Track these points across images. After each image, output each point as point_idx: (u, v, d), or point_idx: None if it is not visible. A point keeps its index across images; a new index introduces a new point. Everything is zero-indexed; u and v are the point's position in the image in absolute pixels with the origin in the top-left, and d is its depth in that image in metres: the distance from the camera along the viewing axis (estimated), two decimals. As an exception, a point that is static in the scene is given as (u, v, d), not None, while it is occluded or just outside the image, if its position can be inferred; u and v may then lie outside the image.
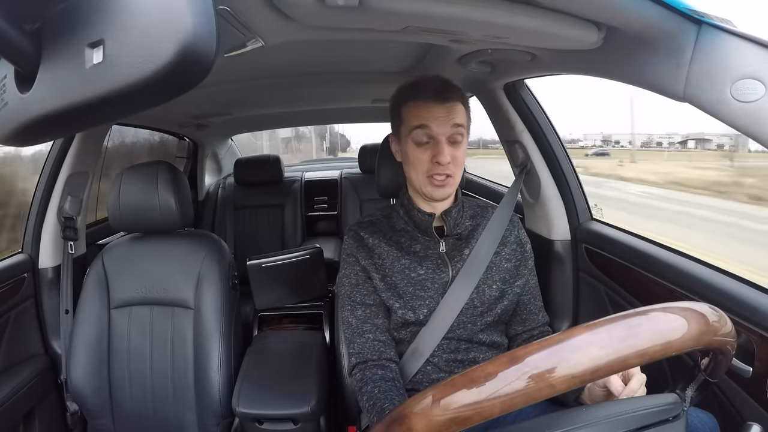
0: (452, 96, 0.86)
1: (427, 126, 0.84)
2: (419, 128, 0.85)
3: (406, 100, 0.88)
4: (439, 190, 0.86)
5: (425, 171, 0.86)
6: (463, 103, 0.88)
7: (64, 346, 1.21)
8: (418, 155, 0.86)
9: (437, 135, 0.84)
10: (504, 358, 0.39)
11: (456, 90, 0.87)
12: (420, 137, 0.85)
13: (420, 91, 0.86)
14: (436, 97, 0.85)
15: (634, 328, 0.39)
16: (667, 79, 0.62)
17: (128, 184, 1.15)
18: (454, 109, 0.85)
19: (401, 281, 0.90)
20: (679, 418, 0.47)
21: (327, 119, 3.21)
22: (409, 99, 0.88)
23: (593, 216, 1.29)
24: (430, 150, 0.85)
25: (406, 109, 0.88)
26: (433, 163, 0.85)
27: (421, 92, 0.86)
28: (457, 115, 0.85)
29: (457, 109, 0.86)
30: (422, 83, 0.87)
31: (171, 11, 0.26)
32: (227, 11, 0.58)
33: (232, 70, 1.23)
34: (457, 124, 0.85)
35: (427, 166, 0.85)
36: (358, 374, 0.88)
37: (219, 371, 1.10)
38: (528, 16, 0.64)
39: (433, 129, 0.84)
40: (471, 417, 0.37)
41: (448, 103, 0.85)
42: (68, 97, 0.30)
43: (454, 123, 0.85)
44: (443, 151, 0.84)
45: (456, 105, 0.86)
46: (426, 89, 0.86)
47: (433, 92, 0.85)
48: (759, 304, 0.74)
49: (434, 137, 0.84)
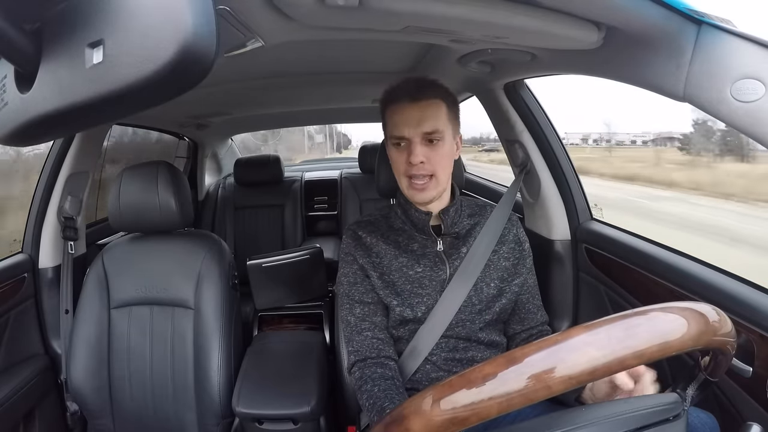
0: (426, 95, 0.85)
1: (400, 126, 0.85)
2: (394, 129, 0.86)
3: (386, 104, 0.89)
4: (418, 194, 0.86)
5: (403, 172, 0.87)
6: (443, 100, 0.87)
7: (64, 346, 1.21)
8: (396, 158, 0.87)
9: (408, 135, 0.85)
10: (502, 358, 0.39)
11: (433, 88, 0.86)
12: (395, 138, 0.86)
13: (396, 94, 0.87)
14: (408, 97, 0.85)
15: (632, 329, 0.39)
16: (667, 79, 0.62)
17: (128, 184, 1.15)
18: (428, 108, 0.85)
19: (399, 279, 0.90)
20: (680, 418, 0.47)
21: (327, 119, 3.21)
22: (388, 102, 0.89)
23: (593, 216, 1.29)
24: (406, 152, 0.85)
25: (386, 113, 0.89)
26: (407, 163, 0.85)
27: (397, 94, 0.87)
28: (431, 113, 0.84)
29: (433, 108, 0.85)
30: (399, 85, 0.88)
31: (171, 11, 0.26)
32: (227, 11, 0.58)
33: (232, 70, 1.23)
34: (430, 123, 0.84)
35: (404, 167, 0.86)
36: (357, 372, 0.89)
37: (219, 371, 1.10)
38: (528, 16, 0.64)
39: (404, 129, 0.85)
40: (469, 417, 0.37)
41: (421, 102, 0.85)
42: (68, 97, 0.30)
43: (428, 122, 0.84)
44: (414, 151, 0.84)
45: (431, 104, 0.85)
46: (400, 91, 0.86)
47: (405, 92, 0.86)
48: (759, 304, 0.74)
49: (407, 138, 0.85)
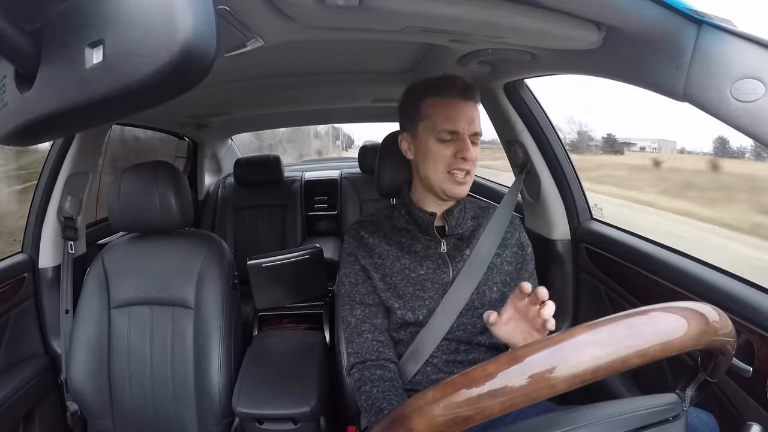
0: (474, 97, 0.88)
1: (454, 120, 0.85)
2: (446, 123, 0.85)
3: (428, 96, 0.88)
4: (459, 188, 0.87)
5: (446, 167, 0.86)
6: (478, 106, 0.90)
7: (64, 346, 1.21)
8: (440, 151, 0.86)
9: (463, 131, 0.85)
10: (504, 357, 0.39)
11: (477, 91, 0.89)
12: (445, 133, 0.85)
13: (447, 88, 0.87)
14: (463, 94, 0.86)
15: (634, 328, 0.39)
16: (667, 79, 0.62)
17: (128, 184, 1.15)
18: (475, 109, 0.88)
19: (401, 281, 0.90)
20: (679, 418, 0.47)
21: (327, 119, 3.21)
22: (432, 95, 0.88)
23: (593, 216, 1.29)
24: (454, 146, 0.85)
25: (428, 105, 0.88)
26: (457, 158, 0.85)
27: (449, 89, 0.86)
28: (477, 115, 0.88)
29: (477, 110, 0.88)
30: (448, 80, 0.88)
31: (171, 11, 0.26)
32: (227, 11, 0.58)
33: (232, 70, 1.23)
34: (477, 123, 0.87)
35: (449, 161, 0.86)
36: (356, 374, 0.88)
37: (219, 371, 1.10)
38: (528, 16, 0.64)
39: (460, 124, 0.85)
40: (471, 417, 0.37)
41: (470, 102, 0.87)
42: (68, 97, 0.30)
43: (476, 122, 0.87)
44: (469, 147, 0.84)
45: (476, 106, 0.88)
46: (453, 86, 0.86)
47: (459, 90, 0.86)
48: (759, 304, 0.74)
49: (459, 133, 0.85)
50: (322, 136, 11.65)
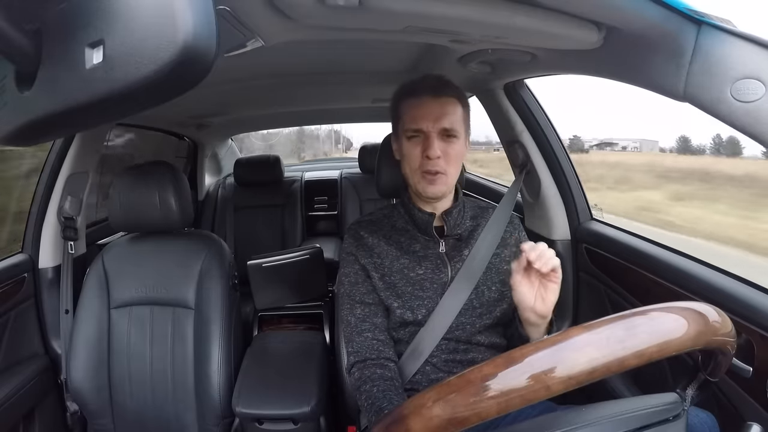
0: (446, 92, 0.87)
1: (418, 119, 0.85)
2: (412, 122, 0.86)
3: (402, 96, 0.90)
4: (430, 187, 0.87)
5: (417, 166, 0.87)
6: (459, 101, 0.89)
7: (64, 346, 1.21)
8: (410, 150, 0.87)
9: (427, 129, 0.85)
10: (501, 359, 0.39)
11: (452, 88, 0.88)
12: (412, 131, 0.86)
13: (417, 88, 0.88)
14: (430, 91, 0.86)
15: (633, 329, 0.39)
16: (667, 79, 0.62)
17: (128, 184, 1.15)
18: (447, 104, 0.86)
19: (400, 281, 0.90)
20: (680, 418, 0.47)
21: (327, 119, 3.20)
22: (405, 95, 0.89)
23: (593, 216, 1.29)
24: (421, 144, 0.86)
25: (402, 106, 0.90)
26: (423, 157, 0.85)
27: (418, 88, 0.88)
28: (450, 110, 0.86)
29: (452, 105, 0.87)
30: (420, 80, 0.89)
31: (171, 11, 0.26)
32: (227, 11, 0.58)
33: (232, 70, 1.23)
34: (449, 119, 0.86)
35: (419, 161, 0.86)
36: (356, 373, 0.88)
37: (219, 371, 1.10)
38: (528, 17, 0.64)
39: (424, 122, 0.85)
40: (469, 418, 0.37)
41: (441, 98, 0.86)
42: (68, 98, 0.30)
43: (447, 118, 0.85)
44: (432, 144, 0.84)
45: (450, 101, 0.87)
46: (422, 86, 0.87)
47: (428, 87, 0.87)
48: (759, 304, 0.74)
49: (425, 131, 0.85)
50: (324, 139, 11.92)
